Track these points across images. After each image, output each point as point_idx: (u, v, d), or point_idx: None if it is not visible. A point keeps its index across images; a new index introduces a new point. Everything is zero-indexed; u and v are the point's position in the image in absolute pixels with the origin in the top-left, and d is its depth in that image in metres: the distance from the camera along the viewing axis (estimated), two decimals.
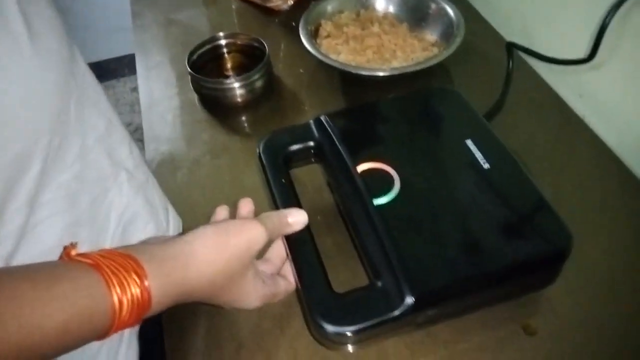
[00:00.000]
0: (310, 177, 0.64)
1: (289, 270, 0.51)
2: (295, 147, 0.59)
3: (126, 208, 0.52)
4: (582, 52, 0.67)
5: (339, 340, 0.46)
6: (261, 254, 0.50)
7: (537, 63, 0.77)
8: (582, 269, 0.55)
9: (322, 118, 0.60)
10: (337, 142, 0.57)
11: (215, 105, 0.78)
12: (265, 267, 0.50)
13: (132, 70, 2.18)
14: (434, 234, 0.49)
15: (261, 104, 0.78)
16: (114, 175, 0.51)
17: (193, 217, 0.64)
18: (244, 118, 0.78)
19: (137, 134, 1.95)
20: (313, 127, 0.60)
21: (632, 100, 0.65)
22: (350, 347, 0.49)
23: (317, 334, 0.47)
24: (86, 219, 0.46)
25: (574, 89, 0.73)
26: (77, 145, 0.45)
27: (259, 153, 0.59)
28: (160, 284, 0.37)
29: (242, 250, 0.43)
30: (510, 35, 0.83)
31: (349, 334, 0.45)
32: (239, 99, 0.76)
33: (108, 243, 0.49)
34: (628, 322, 0.52)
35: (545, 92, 0.76)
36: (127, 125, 1.99)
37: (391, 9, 0.86)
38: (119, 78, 2.19)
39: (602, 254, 0.57)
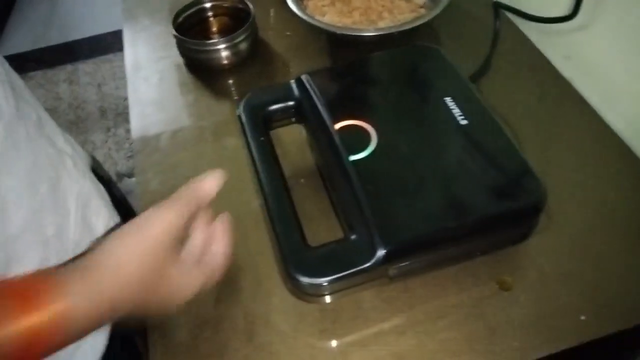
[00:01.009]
0: (293, 137, 0.64)
1: (220, 238, 0.44)
2: (275, 106, 0.59)
3: (79, 192, 0.53)
4: (567, 11, 0.66)
5: (313, 292, 0.47)
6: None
7: (524, 24, 0.76)
8: (559, 225, 0.55)
9: (303, 77, 0.60)
10: (316, 101, 0.56)
11: (201, 68, 0.78)
12: (192, 248, 0.43)
13: None
14: (409, 189, 0.49)
15: (247, 66, 0.77)
16: (62, 161, 0.52)
17: (175, 178, 0.64)
18: (230, 81, 0.77)
19: None
20: (294, 86, 0.60)
21: (617, 61, 0.64)
22: (327, 299, 0.49)
23: (292, 286, 0.47)
24: (49, 205, 0.48)
25: (560, 50, 0.72)
26: (23, 133, 0.46)
27: (238, 112, 0.59)
28: (84, 298, 0.35)
29: (157, 241, 0.39)
30: None
31: (322, 284, 0.45)
32: (224, 61, 0.76)
33: (72, 228, 0.51)
34: (603, 277, 0.52)
35: (532, 53, 0.75)
36: (125, 99, 1.98)
37: None
38: (115, 52, 2.18)
39: (579, 212, 0.57)
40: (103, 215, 0.57)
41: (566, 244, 0.55)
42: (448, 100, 0.55)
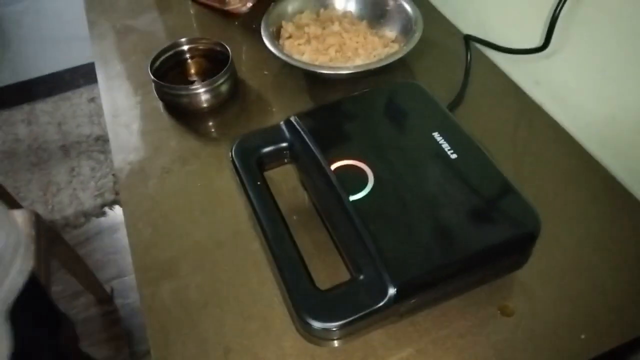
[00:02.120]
0: (283, 177, 0.64)
1: None
2: (267, 149, 0.60)
3: None
4: (535, 42, 0.70)
5: (326, 336, 0.47)
6: None
7: (494, 54, 0.80)
8: (550, 249, 0.58)
9: (292, 119, 0.61)
10: (309, 142, 0.57)
11: (181, 112, 0.78)
12: None
13: (88, 81, 2.15)
14: (410, 225, 0.50)
15: (227, 108, 0.78)
16: None
17: (166, 225, 0.63)
18: (211, 123, 0.77)
19: (97, 145, 1.91)
20: (284, 128, 0.61)
21: (584, 85, 0.68)
22: (336, 342, 0.50)
23: (304, 331, 0.47)
24: None
25: (530, 76, 0.76)
26: None
27: (232, 157, 0.59)
28: None
29: None
30: (466, 28, 0.86)
31: (335, 328, 0.46)
32: (204, 104, 0.76)
33: None
34: (598, 294, 0.55)
35: (503, 81, 0.79)
36: (87, 136, 1.94)
37: (350, 7, 0.87)
38: (74, 90, 2.14)
39: (567, 233, 0.60)
40: None
41: (559, 266, 0.57)
42: (436, 135, 0.57)
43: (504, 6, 0.77)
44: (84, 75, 2.15)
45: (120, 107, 0.80)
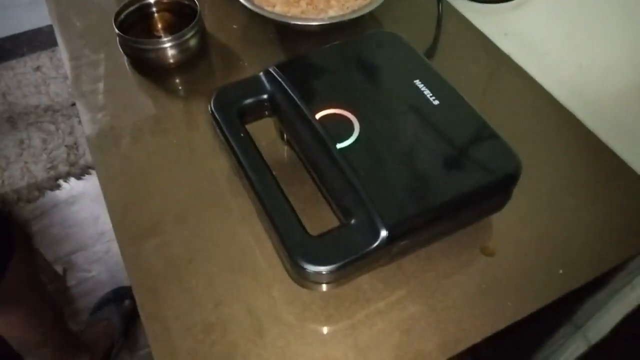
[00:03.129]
0: (259, 132, 0.63)
1: None
2: (247, 101, 0.58)
3: None
4: None
5: (320, 280, 0.48)
6: None
7: (463, 7, 0.81)
8: (525, 191, 0.59)
9: (271, 69, 0.59)
10: (291, 92, 0.57)
11: (148, 68, 0.75)
12: None
13: (32, 49, 2.03)
14: (398, 170, 0.51)
15: (196, 63, 0.75)
16: None
17: (145, 184, 0.62)
18: (179, 79, 0.75)
19: (47, 116, 1.82)
20: (263, 79, 0.59)
21: (552, 36, 0.70)
22: (326, 287, 0.50)
23: (298, 276, 0.48)
24: None
25: (499, 28, 0.77)
26: None
27: (211, 109, 0.57)
28: None
29: None
30: None
31: (331, 271, 0.46)
32: (172, 60, 0.73)
33: None
34: (571, 232, 0.57)
35: (473, 33, 0.79)
36: (35, 107, 1.85)
37: None
38: (18, 58, 2.01)
39: (540, 176, 0.62)
40: None
41: (535, 207, 0.59)
42: (417, 82, 0.57)
43: None
44: (27, 43, 2.03)
45: (85, 66, 0.76)
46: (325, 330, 0.51)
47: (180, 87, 0.75)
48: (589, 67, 0.67)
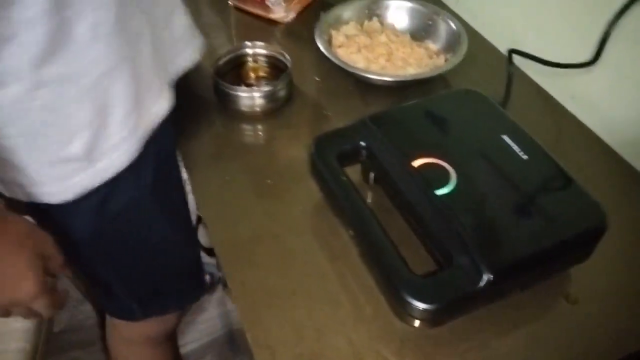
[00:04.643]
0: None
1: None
2: (345, 147, 0.64)
3: None
4: (572, 59, 0.77)
5: (426, 317, 0.51)
6: None
7: (530, 69, 0.87)
8: (602, 246, 0.63)
9: (366, 119, 0.65)
10: (387, 141, 0.62)
11: (236, 114, 0.81)
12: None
13: None
14: (496, 218, 0.55)
15: (283, 111, 0.81)
16: None
17: (234, 230, 0.66)
18: (268, 126, 0.80)
19: None
20: (360, 128, 0.65)
21: (620, 99, 0.75)
22: (426, 326, 0.54)
23: (404, 312, 0.51)
24: None
25: (566, 91, 0.82)
26: None
27: (313, 154, 0.63)
28: None
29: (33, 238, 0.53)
30: (500, 45, 0.92)
31: (437, 309, 0.49)
32: (258, 108, 0.79)
33: None
34: None
35: (540, 94, 0.85)
36: None
37: (393, 19, 0.92)
38: None
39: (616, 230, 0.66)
40: None
41: (611, 260, 0.63)
42: (505, 138, 0.62)
43: (541, 25, 0.84)
44: None
45: None
46: None
47: (277, 132, 0.80)
48: None
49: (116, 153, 0.58)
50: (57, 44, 0.48)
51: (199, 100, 0.82)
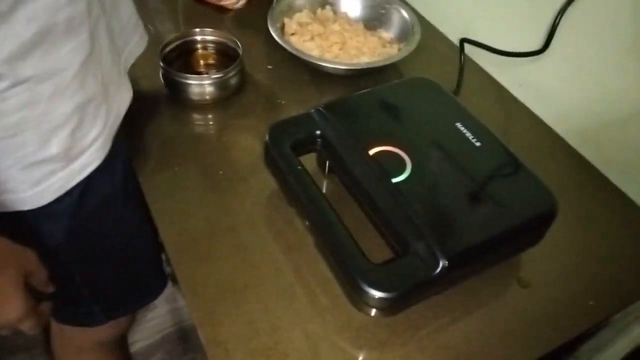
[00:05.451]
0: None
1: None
2: (300, 136, 0.62)
3: None
4: (529, 46, 0.78)
5: (383, 305, 0.50)
6: None
7: (480, 59, 0.88)
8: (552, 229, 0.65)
9: (321, 108, 0.64)
10: (343, 129, 0.61)
11: (186, 102, 0.78)
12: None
13: None
14: (450, 205, 0.55)
15: (234, 100, 0.79)
16: None
17: (184, 223, 0.64)
18: (222, 114, 0.78)
19: None
20: (315, 116, 0.63)
21: (566, 86, 0.77)
22: (381, 314, 0.53)
23: (362, 302, 0.50)
24: None
25: (514, 79, 0.84)
26: None
27: (267, 143, 0.61)
28: None
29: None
30: (451, 34, 0.93)
31: (395, 297, 0.49)
32: (209, 96, 0.77)
33: None
34: (600, 264, 0.63)
35: (490, 82, 0.86)
36: None
37: (346, 8, 0.91)
38: None
39: (564, 214, 0.67)
40: None
41: (562, 243, 0.64)
42: (459, 125, 0.62)
43: (491, 15, 0.85)
44: None
45: None
46: (381, 357, 0.53)
47: (229, 121, 0.77)
48: (602, 114, 0.73)
49: (93, 148, 0.55)
50: (35, 39, 0.45)
51: (146, 89, 0.79)
